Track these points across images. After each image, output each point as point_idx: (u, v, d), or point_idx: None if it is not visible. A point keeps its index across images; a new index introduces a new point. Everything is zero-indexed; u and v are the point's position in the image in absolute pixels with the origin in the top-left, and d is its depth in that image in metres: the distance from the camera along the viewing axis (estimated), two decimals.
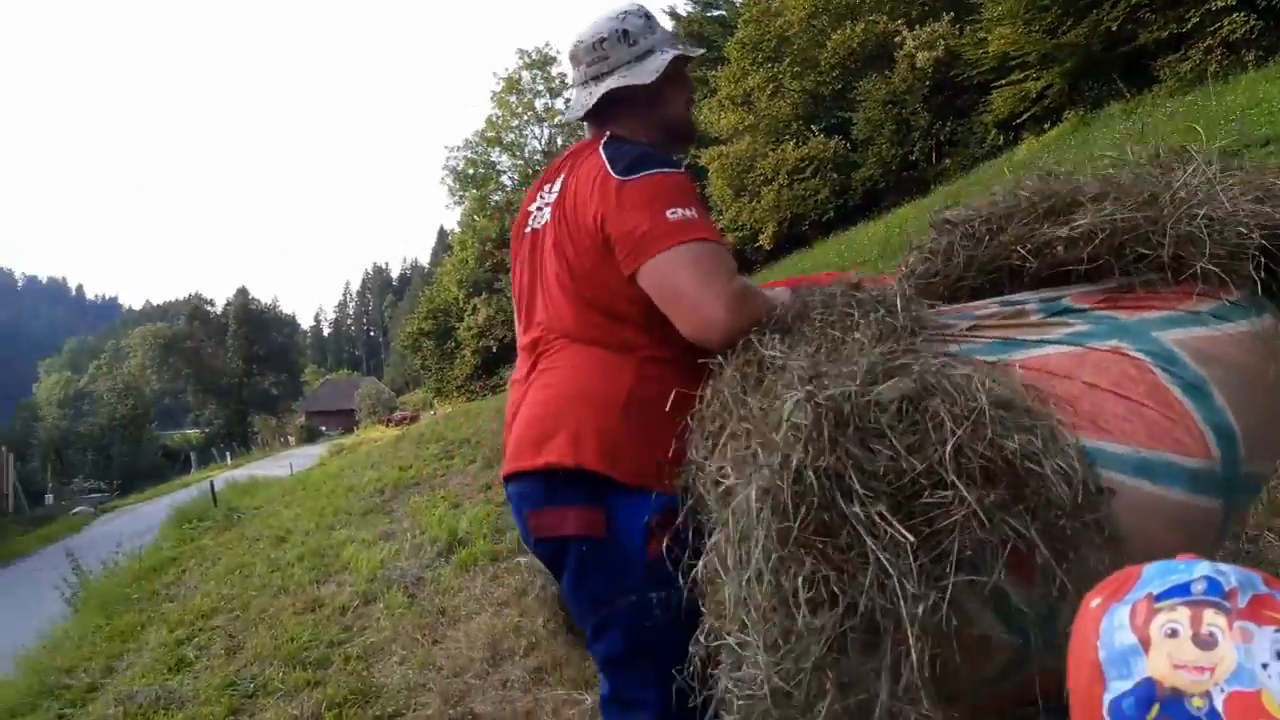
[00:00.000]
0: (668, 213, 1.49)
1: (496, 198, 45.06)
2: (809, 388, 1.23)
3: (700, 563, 1.34)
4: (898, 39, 24.07)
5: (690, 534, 1.44)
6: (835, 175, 24.58)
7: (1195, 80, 16.68)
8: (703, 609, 1.36)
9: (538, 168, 45.39)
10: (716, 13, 37.89)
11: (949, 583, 1.14)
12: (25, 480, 34.41)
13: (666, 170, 1.56)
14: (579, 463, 1.52)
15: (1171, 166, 1.73)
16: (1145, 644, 0.59)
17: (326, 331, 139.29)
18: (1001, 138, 22.04)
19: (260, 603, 5.95)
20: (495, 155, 45.96)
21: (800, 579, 1.15)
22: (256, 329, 62.93)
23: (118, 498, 36.97)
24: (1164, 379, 1.38)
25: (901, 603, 1.12)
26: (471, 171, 45.57)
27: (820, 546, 1.16)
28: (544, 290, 1.70)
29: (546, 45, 45.98)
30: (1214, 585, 0.60)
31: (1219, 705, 0.55)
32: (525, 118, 45.91)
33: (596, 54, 1.70)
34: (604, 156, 1.59)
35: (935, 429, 1.19)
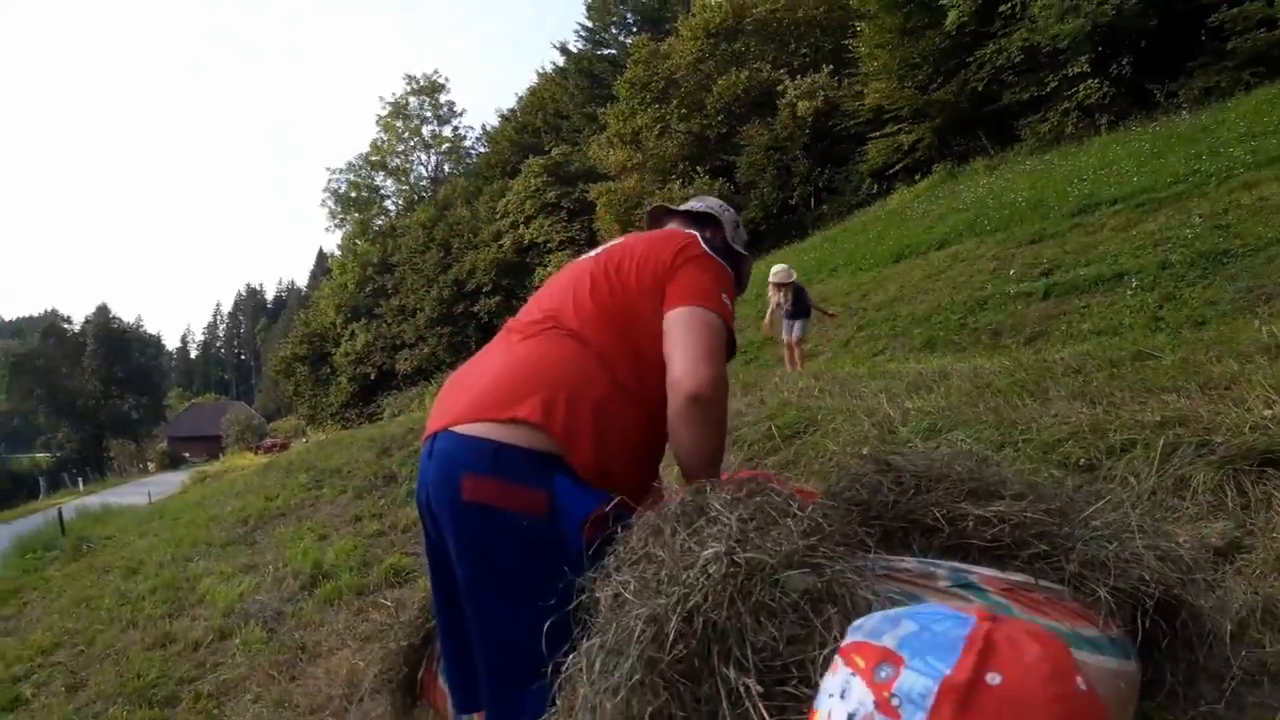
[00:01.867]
0: (722, 293, 1.80)
1: (379, 222, 44.28)
2: (732, 544, 1.31)
3: (569, 660, 1.37)
4: (780, 87, 25.01)
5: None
6: None
7: (1053, 140, 17.96)
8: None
9: (424, 193, 44.89)
10: (607, 51, 38.70)
11: None
12: None
13: (731, 275, 1.93)
14: (544, 427, 1.60)
15: (1091, 497, 2.00)
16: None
17: (194, 354, 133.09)
18: (875, 187, 23.10)
19: (107, 637, 5.64)
20: (379, 179, 45.32)
21: (649, 709, 1.21)
22: (117, 349, 59.64)
23: None
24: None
25: None
26: (354, 194, 44.75)
27: (680, 688, 1.22)
28: (569, 293, 1.84)
29: (435, 73, 45.81)
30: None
31: None
32: (412, 143, 45.43)
33: (720, 208, 2.16)
34: (698, 234, 1.94)
35: (821, 631, 1.26)
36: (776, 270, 9.67)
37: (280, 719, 3.59)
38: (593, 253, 2.00)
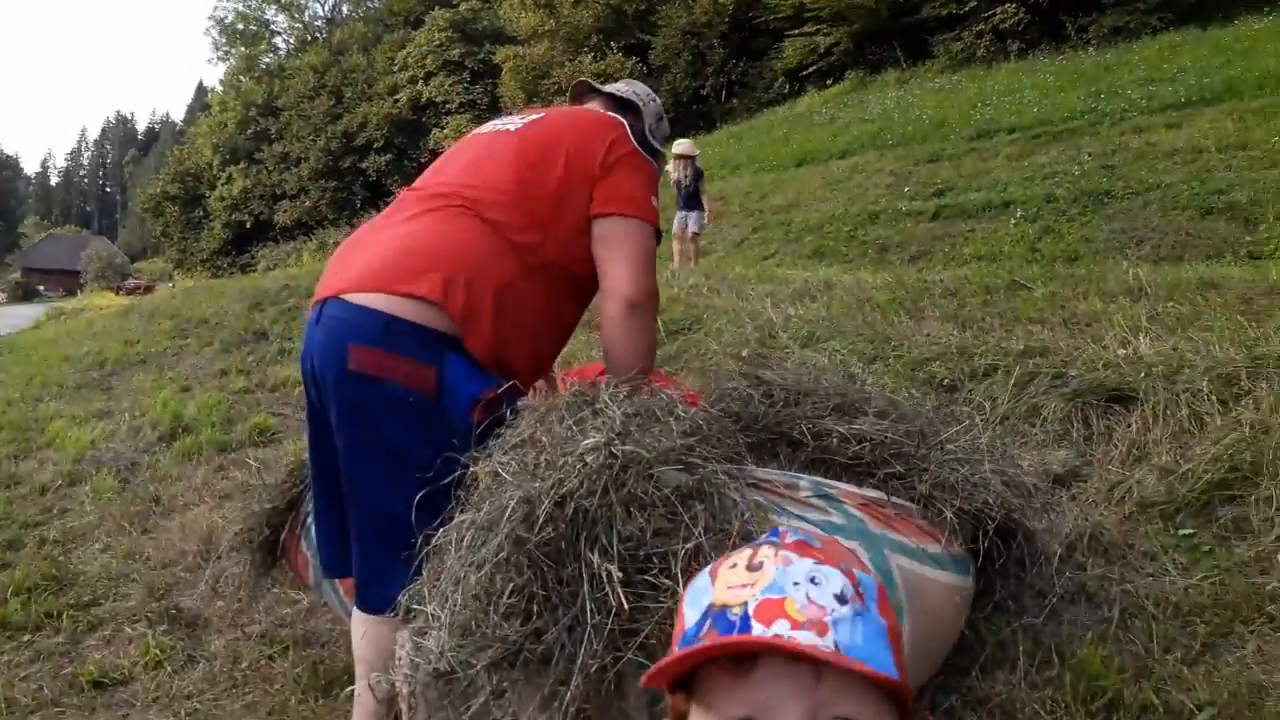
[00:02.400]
0: (652, 198, 1.84)
1: (267, 59, 41.47)
2: (612, 436, 1.34)
3: (440, 533, 1.39)
4: None
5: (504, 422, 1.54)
6: None
7: (964, 60, 18.19)
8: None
9: (318, 34, 42.12)
10: None
11: (625, 657, 1.25)
12: None
13: (657, 173, 1.96)
14: (443, 306, 1.58)
15: (948, 419, 2.07)
16: (713, 579, 0.72)
17: (55, 181, 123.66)
18: (787, 87, 22.99)
19: None
20: (271, 13, 42.25)
21: (510, 585, 1.24)
22: None
23: None
24: None
25: (581, 649, 1.22)
26: (241, 27, 41.63)
27: (544, 569, 1.25)
28: (482, 169, 1.79)
29: None
30: (774, 533, 0.76)
31: (751, 609, 0.67)
32: None
33: (644, 97, 2.14)
34: (626, 123, 1.91)
35: (686, 526, 1.29)
36: (680, 143, 9.53)
37: (130, 570, 3.50)
38: (506, 124, 1.93)
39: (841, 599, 0.68)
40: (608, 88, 2.16)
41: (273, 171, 37.38)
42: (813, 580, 0.68)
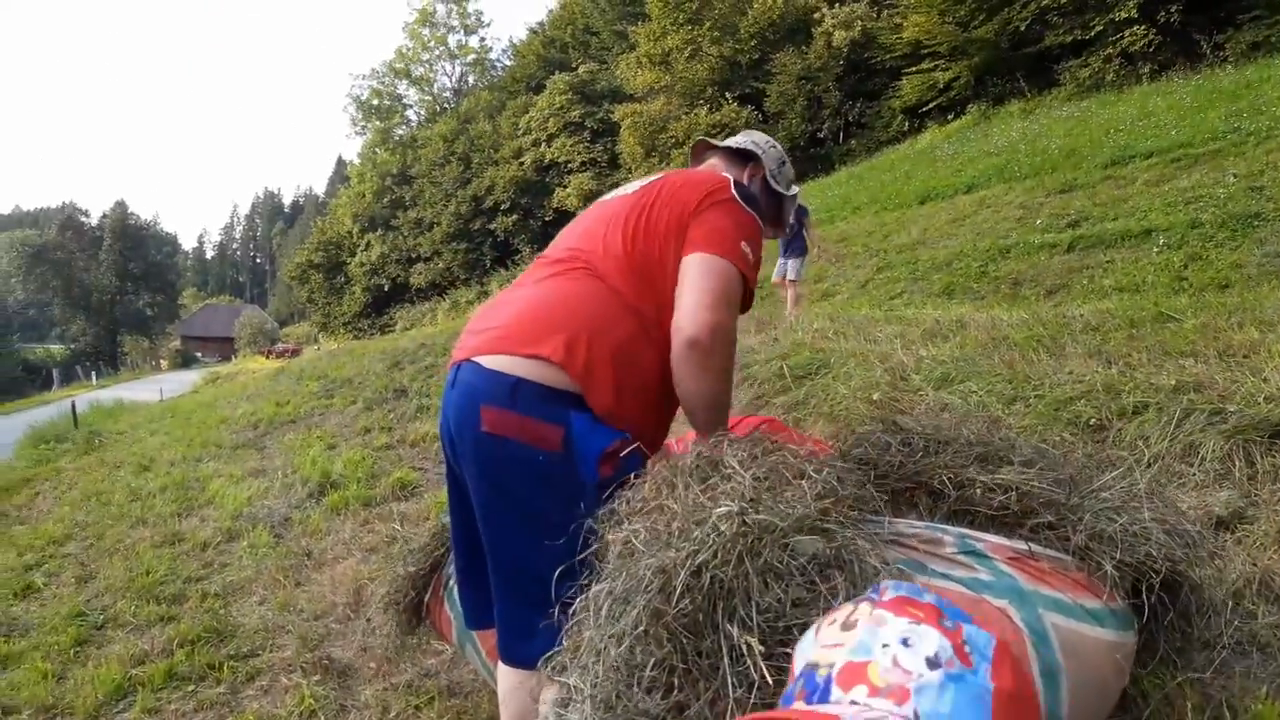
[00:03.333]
0: (743, 242, 1.76)
1: (400, 131, 43.72)
2: (744, 505, 1.31)
3: (577, 601, 1.39)
4: (817, 15, 24.36)
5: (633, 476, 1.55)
6: None
7: (1093, 87, 17.49)
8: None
9: (446, 104, 44.19)
10: None
11: None
12: None
13: (758, 224, 1.86)
14: (564, 366, 1.61)
15: (1101, 464, 1.94)
16: (815, 634, 0.70)
17: (210, 254, 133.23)
18: (907, 124, 22.66)
19: (117, 532, 5.74)
20: (402, 88, 44.66)
21: (651, 658, 1.22)
22: (134, 245, 59.78)
23: None
24: (1030, 653, 1.44)
25: None
26: (376, 102, 44.09)
27: (683, 641, 1.23)
28: (600, 232, 1.84)
29: None
30: (875, 589, 0.71)
31: (834, 673, 0.65)
32: (437, 52, 44.63)
33: (764, 145, 2.13)
34: (732, 179, 1.89)
35: (826, 596, 1.25)
36: None
37: (285, 622, 3.65)
38: (627, 190, 1.97)
39: (933, 663, 0.63)
40: (726, 142, 2.17)
41: (408, 236, 39.15)
42: (904, 642, 0.65)
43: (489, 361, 1.66)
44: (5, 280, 55.86)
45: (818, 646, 0.70)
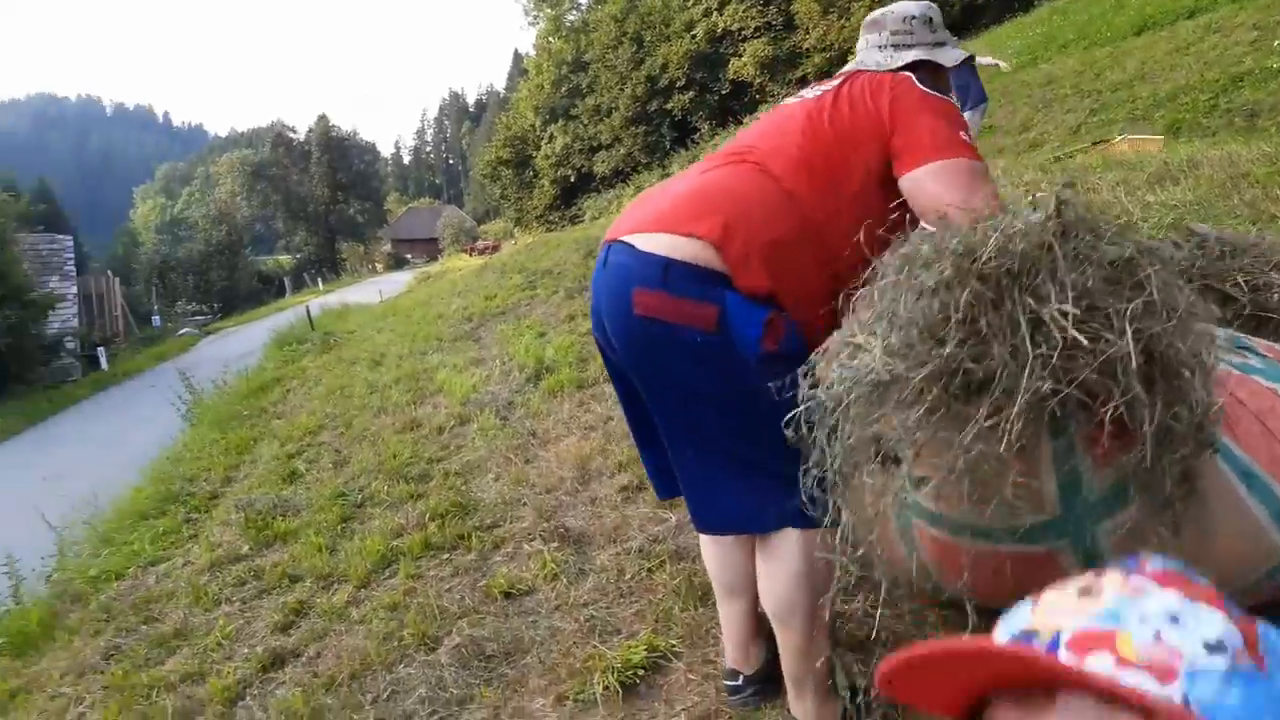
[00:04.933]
0: (961, 133, 1.68)
1: (571, 17, 43.41)
2: (1056, 207, 1.26)
3: (863, 289, 1.39)
4: None
5: (797, 343, 1.58)
6: None
7: None
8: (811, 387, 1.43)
9: None
10: None
11: (1062, 389, 1.18)
12: (131, 303, 36.37)
13: (958, 107, 1.79)
14: (720, 246, 1.60)
15: None
16: (1034, 605, 0.61)
17: (406, 159, 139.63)
18: None
19: (362, 421, 6.33)
20: None
21: (953, 306, 1.22)
22: (339, 156, 63.54)
23: (219, 320, 38.89)
24: None
25: (1023, 375, 1.17)
26: None
27: (984, 299, 1.22)
28: (773, 133, 1.82)
29: None
30: (1131, 559, 0.61)
31: (1064, 636, 0.55)
32: None
33: (903, 27, 1.92)
34: (910, 75, 1.79)
35: (1135, 284, 1.22)
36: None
37: (519, 495, 3.95)
38: (808, 93, 1.91)
39: (1215, 648, 0.52)
40: (876, 54, 1.96)
41: (588, 125, 39.27)
42: (1173, 619, 0.53)
43: (641, 241, 1.66)
44: (232, 198, 60.97)
45: (1041, 614, 0.58)
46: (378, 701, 2.60)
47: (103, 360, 23.85)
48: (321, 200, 61.82)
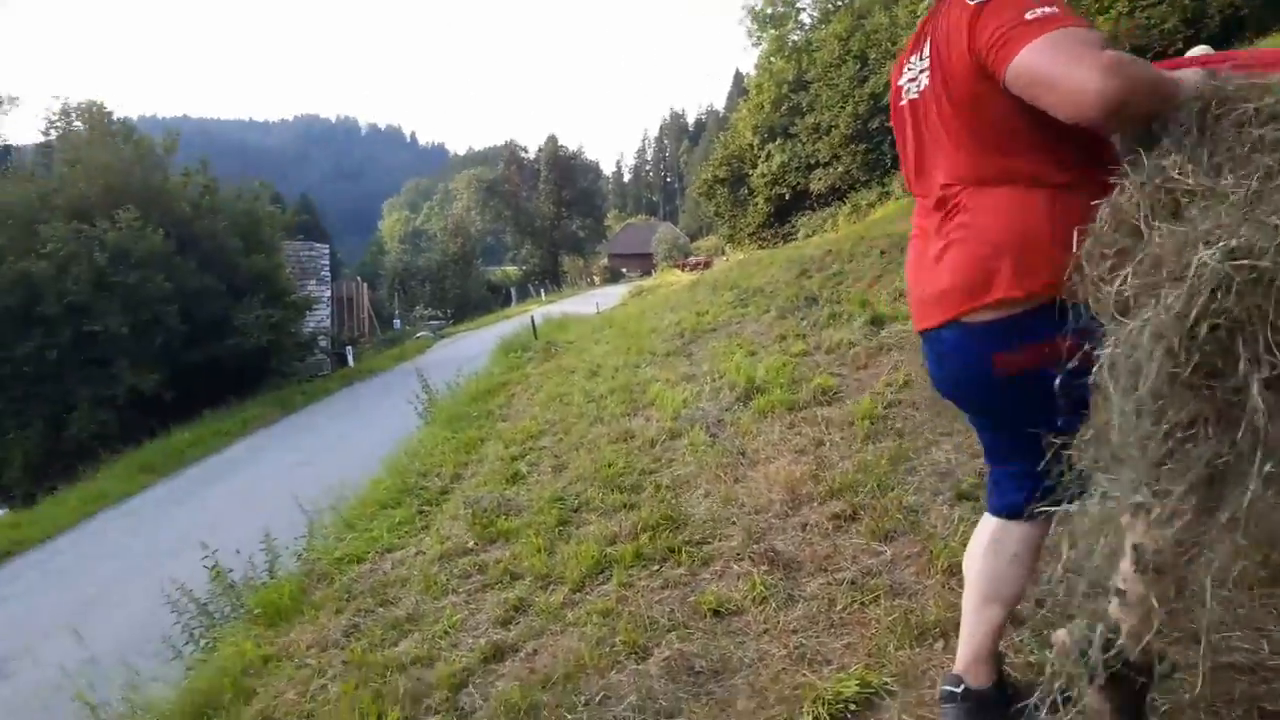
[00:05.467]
0: (1026, 14, 1.53)
1: (795, 37, 43.23)
2: (1229, 238, 1.19)
3: (1092, 375, 1.38)
4: None
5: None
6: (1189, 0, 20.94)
7: None
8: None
9: (839, 2, 42.79)
10: None
11: None
12: (375, 306, 39.77)
13: None
14: (1028, 292, 1.62)
15: None
16: None
17: (627, 178, 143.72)
18: None
19: (579, 429, 6.60)
20: None
21: (1181, 417, 1.21)
22: (565, 174, 66.68)
23: (452, 324, 41.77)
24: None
25: (1257, 457, 1.15)
26: (770, 10, 43.83)
27: (1207, 390, 1.19)
28: (939, 151, 1.82)
29: None
30: None
31: None
32: None
33: None
34: None
35: None
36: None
37: (728, 514, 3.98)
38: (914, 78, 1.89)
39: None
40: None
41: (806, 143, 38.89)
42: None
43: (974, 318, 1.71)
44: (467, 213, 65.31)
45: None
46: (590, 704, 2.70)
47: (350, 358, 26.20)
48: (547, 216, 65.04)
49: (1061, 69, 1.46)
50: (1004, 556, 1.89)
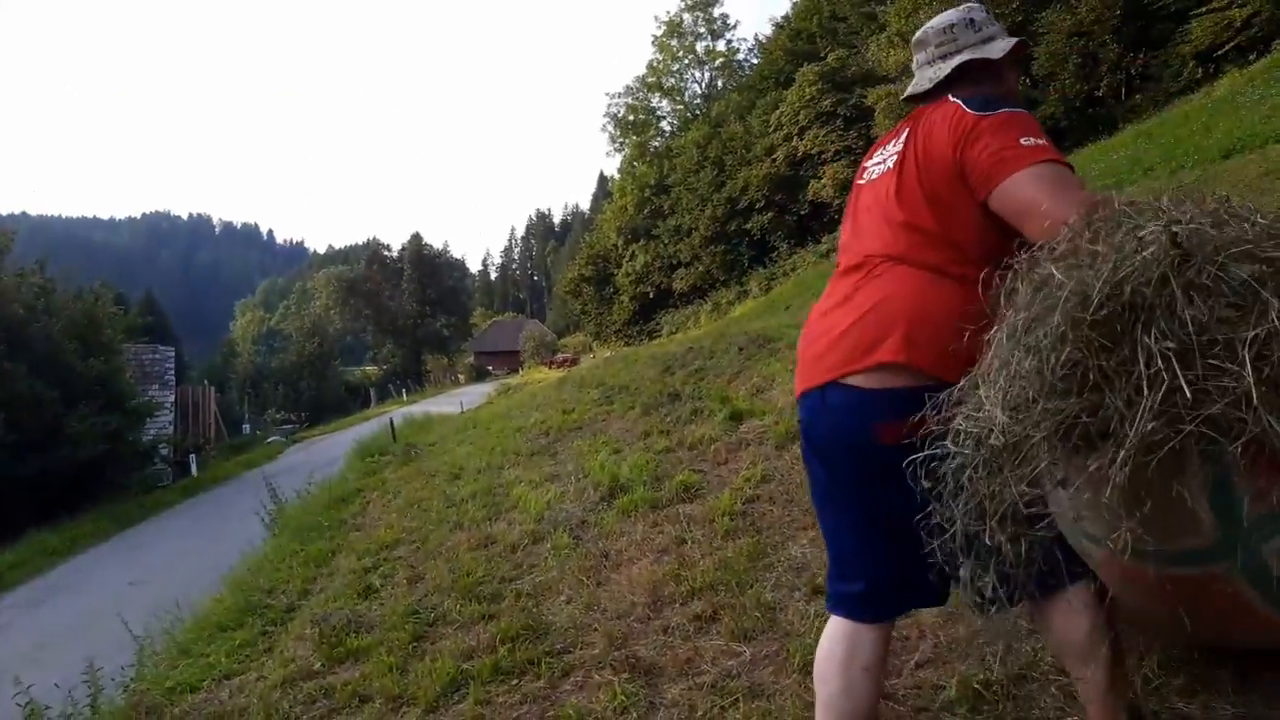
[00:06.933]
0: (1022, 140, 1.67)
1: (656, 143, 45.02)
2: (1174, 224, 1.28)
3: (992, 332, 1.47)
4: None
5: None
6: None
7: None
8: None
9: (698, 111, 44.98)
10: None
11: (1185, 429, 1.20)
12: (224, 409, 37.90)
13: (1018, 109, 1.76)
14: (911, 361, 1.68)
15: None
16: None
17: (493, 275, 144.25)
18: (1200, 71, 20.05)
19: (438, 536, 6.36)
20: (655, 100, 45.95)
21: (1063, 360, 1.27)
22: (429, 273, 66.23)
23: (306, 429, 40.10)
24: None
25: (1136, 421, 1.20)
26: (632, 118, 45.68)
27: (1097, 346, 1.25)
28: (880, 225, 1.88)
29: None
30: None
31: None
32: (686, 61, 45.56)
33: (946, 36, 1.98)
34: (959, 101, 1.82)
35: (1259, 315, 1.20)
36: None
37: (590, 620, 3.87)
38: (884, 163, 1.98)
39: None
40: (920, 84, 2.06)
41: (668, 244, 40.23)
42: None
43: (858, 381, 1.75)
44: (326, 312, 63.71)
45: None
46: None
47: (193, 467, 24.69)
48: (410, 315, 64.17)
49: (1047, 199, 1.58)
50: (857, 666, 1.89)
